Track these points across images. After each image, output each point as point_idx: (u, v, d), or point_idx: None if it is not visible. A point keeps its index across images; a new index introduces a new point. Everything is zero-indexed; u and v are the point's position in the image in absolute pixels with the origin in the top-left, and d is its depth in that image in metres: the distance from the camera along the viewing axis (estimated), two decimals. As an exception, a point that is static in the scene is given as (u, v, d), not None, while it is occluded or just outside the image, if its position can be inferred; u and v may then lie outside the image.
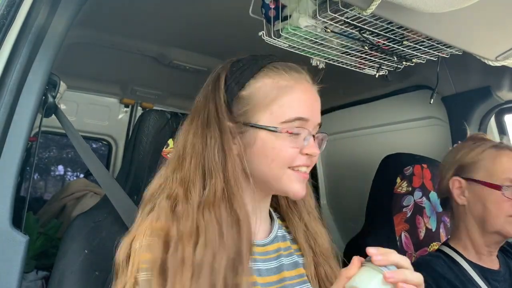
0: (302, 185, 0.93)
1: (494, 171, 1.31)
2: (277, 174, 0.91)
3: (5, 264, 0.89)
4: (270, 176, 0.92)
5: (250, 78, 0.93)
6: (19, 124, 0.96)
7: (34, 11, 0.99)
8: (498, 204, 1.29)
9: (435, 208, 1.69)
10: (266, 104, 0.91)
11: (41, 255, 2.13)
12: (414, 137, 2.14)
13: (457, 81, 1.82)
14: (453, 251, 1.36)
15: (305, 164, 0.93)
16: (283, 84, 0.92)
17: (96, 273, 1.01)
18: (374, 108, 2.28)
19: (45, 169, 4.78)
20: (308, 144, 0.92)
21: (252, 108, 0.92)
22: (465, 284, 1.28)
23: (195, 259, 0.79)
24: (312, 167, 0.97)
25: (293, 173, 0.91)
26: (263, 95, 0.91)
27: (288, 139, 0.90)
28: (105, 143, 3.09)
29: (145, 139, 1.30)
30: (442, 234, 1.68)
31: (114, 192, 1.18)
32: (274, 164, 0.91)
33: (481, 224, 1.33)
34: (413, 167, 1.67)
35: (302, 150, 0.91)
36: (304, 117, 0.91)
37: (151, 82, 2.50)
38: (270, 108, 0.91)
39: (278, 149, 0.90)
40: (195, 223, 0.83)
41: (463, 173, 1.37)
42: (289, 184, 0.92)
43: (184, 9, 1.58)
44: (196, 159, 0.90)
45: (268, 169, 0.92)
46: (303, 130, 0.91)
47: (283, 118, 0.90)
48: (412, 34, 1.14)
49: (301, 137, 0.91)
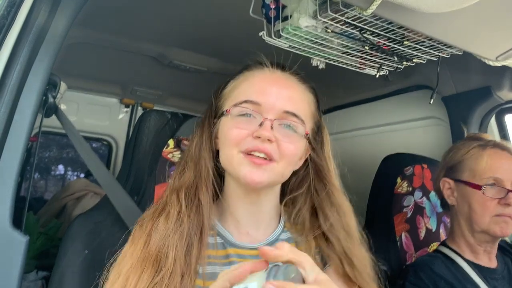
0: (252, 170, 0.89)
1: (476, 170, 1.32)
2: (229, 157, 0.93)
3: (5, 264, 0.89)
4: (225, 160, 0.95)
5: (231, 80, 1.03)
6: (19, 124, 0.96)
7: (35, 11, 0.99)
8: (483, 204, 1.30)
9: (436, 208, 1.69)
10: (230, 94, 0.99)
11: (41, 255, 2.13)
12: (415, 137, 2.14)
13: (457, 81, 1.82)
14: (451, 251, 1.37)
15: (257, 148, 0.89)
16: (246, 75, 1.00)
17: (96, 273, 1.01)
18: (374, 108, 2.28)
19: (45, 169, 4.78)
20: (262, 127, 0.90)
21: (223, 100, 1.00)
22: (463, 283, 1.28)
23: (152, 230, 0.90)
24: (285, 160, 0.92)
25: (244, 157, 0.90)
26: (232, 87, 1.00)
27: (236, 121, 0.93)
28: (105, 143, 3.09)
29: (145, 139, 1.30)
30: (443, 234, 1.68)
31: (115, 192, 1.18)
32: (225, 147, 0.94)
33: (469, 224, 1.34)
34: (414, 167, 1.67)
35: (254, 133, 0.90)
36: (254, 100, 0.93)
37: (151, 82, 2.50)
38: (231, 97, 0.98)
39: (226, 130, 0.94)
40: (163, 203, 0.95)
41: (451, 173, 1.38)
42: (239, 167, 0.91)
43: (184, 9, 1.58)
44: (184, 154, 1.04)
45: (223, 153, 0.96)
46: (256, 114, 0.92)
47: (234, 102, 0.95)
48: (413, 34, 1.14)
49: (256, 121, 0.92)
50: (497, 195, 1.29)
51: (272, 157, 0.90)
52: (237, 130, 0.92)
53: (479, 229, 1.31)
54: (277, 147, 0.91)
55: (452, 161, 1.40)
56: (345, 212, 1.01)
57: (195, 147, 1.00)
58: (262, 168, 0.90)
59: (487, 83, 1.73)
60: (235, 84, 1.01)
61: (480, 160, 1.33)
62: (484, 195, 1.29)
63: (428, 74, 1.82)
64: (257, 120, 0.92)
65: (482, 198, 1.30)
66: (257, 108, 0.92)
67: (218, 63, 2.05)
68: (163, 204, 0.96)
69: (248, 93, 0.95)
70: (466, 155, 1.36)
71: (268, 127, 0.90)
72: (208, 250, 0.93)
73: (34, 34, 0.98)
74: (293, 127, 0.94)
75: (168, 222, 0.91)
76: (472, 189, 1.32)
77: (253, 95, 0.94)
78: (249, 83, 0.98)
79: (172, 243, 0.88)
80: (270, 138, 0.89)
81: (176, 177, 1.00)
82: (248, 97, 0.93)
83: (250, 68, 1.02)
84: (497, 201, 1.28)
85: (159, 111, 1.36)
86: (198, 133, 1.02)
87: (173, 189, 0.97)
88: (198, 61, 2.05)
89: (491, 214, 1.29)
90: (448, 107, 1.89)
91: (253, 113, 0.92)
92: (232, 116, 0.94)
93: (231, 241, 0.96)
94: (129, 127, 2.92)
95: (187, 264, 0.86)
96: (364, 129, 2.38)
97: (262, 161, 0.90)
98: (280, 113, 0.93)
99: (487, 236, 1.32)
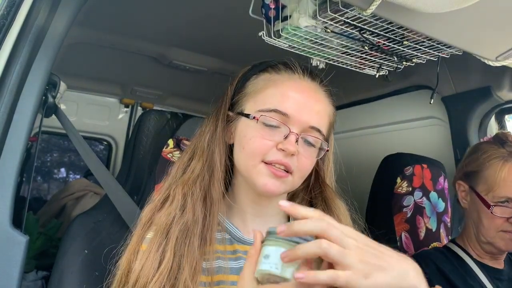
0: (272, 180, 0.89)
1: (492, 186, 1.29)
2: (248, 165, 0.91)
3: (5, 264, 0.89)
4: (242, 165, 0.93)
5: (254, 74, 0.98)
6: (19, 124, 0.96)
7: (34, 11, 0.98)
8: (490, 218, 1.28)
9: (436, 208, 1.69)
10: (253, 94, 0.95)
11: (41, 255, 2.12)
12: (414, 137, 2.14)
13: (457, 81, 1.82)
14: (459, 248, 1.37)
15: (279, 161, 0.88)
16: (274, 78, 0.95)
17: (96, 273, 1.01)
18: (374, 108, 2.28)
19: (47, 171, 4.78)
20: (287, 140, 0.88)
21: (243, 97, 0.97)
22: (466, 279, 1.28)
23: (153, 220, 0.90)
24: (301, 174, 0.93)
25: (265, 167, 0.89)
26: (254, 86, 0.96)
27: (261, 130, 0.90)
28: (105, 143, 3.09)
29: (145, 139, 1.30)
30: (443, 234, 1.68)
31: (115, 192, 1.18)
32: (244, 153, 0.91)
33: (476, 231, 1.33)
34: (413, 167, 1.67)
35: (278, 145, 0.89)
36: (283, 112, 0.90)
37: (151, 82, 2.50)
38: (255, 98, 0.94)
39: (248, 137, 0.91)
40: (165, 195, 0.93)
41: (467, 179, 1.37)
42: (258, 176, 0.89)
43: (184, 9, 1.58)
44: (191, 144, 1.00)
45: (241, 158, 0.93)
46: (283, 125, 0.89)
47: (260, 107, 0.91)
48: (412, 34, 1.14)
49: (281, 132, 0.89)
50: (506, 214, 1.26)
51: (291, 170, 0.90)
52: (262, 140, 0.89)
53: (485, 240, 1.31)
54: (296, 161, 0.90)
55: (470, 167, 1.37)
56: (336, 210, 1.02)
57: (208, 139, 0.96)
58: (281, 180, 0.90)
59: (487, 83, 1.72)
60: (259, 83, 0.96)
61: (498, 176, 1.28)
62: (492, 214, 1.27)
63: (428, 74, 1.81)
64: (281, 130, 0.89)
65: (490, 214, 1.28)
66: (284, 119, 0.90)
67: (218, 63, 2.05)
68: (165, 196, 0.94)
69: (276, 101, 0.91)
70: (485, 165, 1.31)
71: (293, 141, 0.89)
72: (216, 245, 0.92)
73: (34, 34, 0.98)
74: (314, 143, 0.93)
75: (169, 216, 0.89)
76: (482, 203, 1.30)
77: (282, 105, 0.90)
78: (277, 89, 0.93)
79: (173, 237, 0.87)
80: (294, 153, 0.88)
81: (180, 168, 0.97)
82: (276, 107, 0.90)
83: (277, 69, 0.98)
84: (506, 219, 1.26)
85: (158, 111, 1.36)
86: (211, 125, 0.98)
87: (178, 181, 0.95)
88: (198, 61, 2.05)
89: (498, 229, 1.27)
90: (448, 107, 1.89)
91: (280, 124, 0.90)
92: (257, 123, 0.90)
93: (239, 237, 0.95)
94: (129, 127, 2.91)
95: (189, 261, 0.85)
96: (364, 129, 2.38)
97: (282, 174, 0.89)
98: (305, 127, 0.91)
99: (492, 247, 1.31)
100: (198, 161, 0.95)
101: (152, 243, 0.87)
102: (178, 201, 0.91)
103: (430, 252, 1.40)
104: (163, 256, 0.85)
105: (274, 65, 0.99)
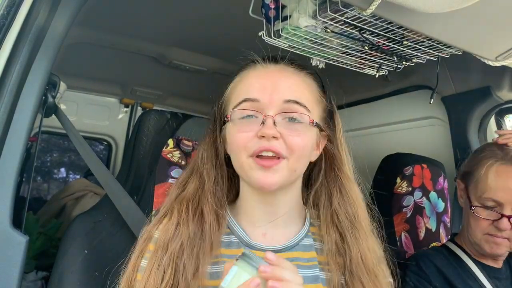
0: (264, 174, 0.87)
1: (479, 187, 1.28)
2: (239, 163, 0.91)
3: (5, 264, 0.89)
4: (237, 167, 0.94)
5: (230, 82, 1.00)
6: (19, 124, 0.96)
7: (34, 11, 0.98)
8: (476, 220, 1.28)
9: (435, 208, 1.69)
10: (230, 98, 0.97)
11: (41, 255, 2.12)
12: (414, 137, 2.14)
13: (457, 81, 1.82)
14: (457, 247, 1.37)
15: (264, 148, 0.86)
16: (240, 76, 0.97)
17: (95, 273, 1.01)
18: (374, 108, 2.28)
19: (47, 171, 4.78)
20: (264, 126, 0.87)
21: (225, 105, 0.98)
22: (465, 278, 1.29)
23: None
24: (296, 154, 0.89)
25: (253, 161, 0.87)
26: (230, 90, 0.98)
27: (238, 124, 0.90)
28: (105, 143, 3.09)
29: (145, 139, 1.30)
30: (442, 234, 1.68)
31: (115, 192, 1.18)
32: (233, 153, 0.93)
33: (467, 232, 1.33)
34: (413, 167, 1.67)
35: (258, 134, 0.87)
36: (251, 97, 0.90)
37: (151, 82, 2.50)
38: (231, 100, 0.96)
39: (232, 134, 0.92)
40: (165, 209, 0.96)
41: (464, 178, 1.37)
42: (250, 172, 0.88)
43: (184, 9, 1.58)
44: (191, 162, 1.02)
45: (233, 159, 0.94)
46: (256, 113, 0.89)
47: (233, 104, 0.93)
48: (412, 34, 1.14)
49: (258, 120, 0.88)
50: (490, 217, 1.25)
51: (281, 154, 0.87)
52: (241, 134, 0.89)
53: (472, 241, 1.31)
54: (284, 142, 0.87)
55: (466, 167, 1.37)
56: (353, 202, 0.98)
57: (200, 157, 0.99)
58: (273, 169, 0.87)
59: (487, 83, 1.72)
60: (232, 86, 0.99)
61: (486, 177, 1.27)
62: (474, 214, 1.27)
63: (428, 74, 1.81)
64: (258, 119, 0.88)
65: (476, 216, 1.27)
66: (256, 105, 0.89)
67: (218, 63, 2.05)
68: (164, 213, 0.96)
69: (244, 92, 0.93)
70: (477, 166, 1.31)
71: (271, 124, 0.86)
72: (222, 249, 0.92)
73: (34, 34, 0.98)
74: (298, 118, 0.90)
75: (167, 232, 0.91)
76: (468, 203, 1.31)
77: (249, 93, 0.91)
78: (244, 82, 0.96)
79: (173, 253, 0.88)
80: (274, 135, 0.86)
81: (179, 187, 0.99)
82: (244, 96, 0.91)
83: (244, 68, 1.00)
84: (491, 222, 1.25)
85: (158, 111, 1.36)
86: (203, 142, 1.01)
87: (176, 199, 0.97)
88: (198, 61, 2.05)
89: (483, 232, 1.27)
90: (448, 107, 1.89)
91: (254, 113, 0.89)
92: (234, 120, 0.91)
93: (246, 241, 0.94)
94: (129, 127, 2.92)
95: (190, 274, 0.86)
96: (364, 129, 2.38)
97: (271, 162, 0.87)
98: (280, 106, 0.89)
99: (480, 249, 1.30)
100: (194, 178, 0.98)
101: (153, 260, 0.88)
102: (175, 217, 0.92)
103: (429, 252, 1.40)
104: (164, 272, 0.86)
105: (242, 66, 1.00)
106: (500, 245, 1.26)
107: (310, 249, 0.96)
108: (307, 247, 0.96)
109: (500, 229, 1.23)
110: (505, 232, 1.23)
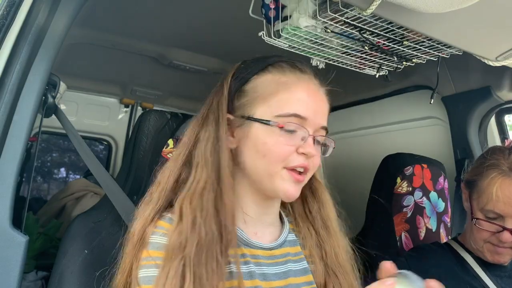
0: (294, 187, 0.90)
1: (481, 198, 1.27)
2: (270, 172, 0.89)
3: (5, 264, 0.89)
4: (262, 173, 0.90)
5: (254, 74, 0.95)
6: (19, 124, 0.96)
7: (34, 11, 0.98)
8: (478, 229, 1.28)
9: (436, 208, 1.69)
10: (264, 98, 0.92)
11: (41, 255, 2.12)
12: (414, 137, 2.14)
13: (457, 81, 1.82)
14: (459, 246, 1.37)
15: (302, 165, 0.89)
16: (284, 81, 0.93)
17: (95, 273, 1.01)
18: (374, 108, 2.28)
19: (47, 171, 4.79)
20: (306, 143, 0.89)
21: (250, 100, 0.93)
22: (462, 275, 1.28)
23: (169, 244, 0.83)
24: (313, 171, 0.94)
25: (287, 173, 0.89)
26: (263, 89, 0.93)
27: (282, 135, 0.88)
28: (105, 143, 3.09)
29: (145, 139, 1.30)
30: (443, 234, 1.68)
31: (114, 192, 1.18)
32: (266, 160, 0.89)
33: (469, 237, 1.33)
34: (413, 167, 1.67)
35: (298, 149, 0.89)
36: (302, 115, 0.89)
37: (151, 82, 2.50)
38: (268, 102, 0.91)
39: (270, 144, 0.89)
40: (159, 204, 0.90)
41: (467, 185, 1.37)
42: (281, 183, 0.89)
43: (184, 9, 1.58)
44: (181, 149, 0.95)
45: (260, 165, 0.90)
46: (301, 129, 0.89)
47: (278, 112, 0.89)
48: (412, 34, 1.14)
49: (298, 135, 0.89)
50: (492, 229, 1.24)
51: (308, 171, 0.92)
52: (284, 147, 0.88)
53: (474, 247, 1.31)
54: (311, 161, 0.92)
55: (471, 175, 1.36)
56: (324, 203, 1.04)
57: (210, 146, 0.90)
58: (301, 184, 0.92)
59: (487, 83, 1.72)
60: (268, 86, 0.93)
61: (489, 189, 1.24)
62: (475, 225, 1.27)
63: (428, 74, 1.82)
64: (298, 134, 0.89)
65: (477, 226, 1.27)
66: (302, 122, 0.89)
67: (218, 63, 2.05)
68: (169, 209, 0.90)
69: (294, 106, 0.90)
70: (480, 176, 1.29)
71: (312, 143, 0.90)
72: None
73: (34, 34, 0.98)
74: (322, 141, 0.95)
75: (181, 235, 0.83)
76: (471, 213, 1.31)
77: (301, 109, 0.89)
78: (291, 93, 0.91)
79: (190, 258, 0.81)
80: (315, 155, 0.90)
81: (172, 176, 0.92)
82: (296, 111, 0.89)
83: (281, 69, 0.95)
84: (492, 233, 1.25)
85: (158, 111, 1.36)
86: (209, 130, 0.92)
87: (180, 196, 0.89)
88: (198, 61, 2.05)
89: (485, 240, 1.26)
90: (448, 107, 1.89)
91: (297, 128, 0.89)
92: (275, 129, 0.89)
93: (246, 240, 0.93)
94: (129, 127, 2.92)
95: (211, 280, 0.80)
96: (364, 129, 2.38)
97: (303, 177, 0.91)
98: (318, 128, 0.92)
99: (482, 255, 1.30)
100: (202, 171, 0.89)
101: (167, 267, 0.80)
102: (187, 217, 0.85)
103: (429, 246, 1.40)
104: (183, 280, 0.79)
105: (275, 63, 0.96)
106: (502, 254, 1.26)
107: (295, 244, 1.01)
108: (293, 242, 1.00)
109: (502, 241, 1.23)
110: (507, 243, 1.23)
